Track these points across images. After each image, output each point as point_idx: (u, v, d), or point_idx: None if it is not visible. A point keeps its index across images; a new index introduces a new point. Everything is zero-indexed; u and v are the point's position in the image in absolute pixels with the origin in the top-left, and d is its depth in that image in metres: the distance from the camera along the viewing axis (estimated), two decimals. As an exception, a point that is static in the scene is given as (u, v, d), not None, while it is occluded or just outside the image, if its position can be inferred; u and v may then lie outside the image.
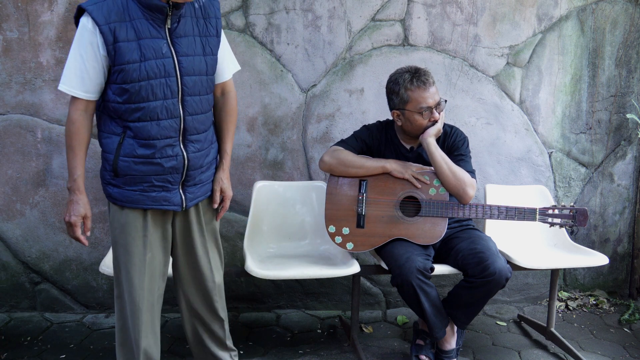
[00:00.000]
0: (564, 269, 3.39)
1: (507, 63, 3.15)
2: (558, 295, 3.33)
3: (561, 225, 2.44)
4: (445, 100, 2.49)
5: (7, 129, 2.87)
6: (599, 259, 2.60)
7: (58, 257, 2.99)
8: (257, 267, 2.39)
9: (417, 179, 2.45)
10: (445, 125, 2.55)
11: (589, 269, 3.41)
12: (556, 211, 2.44)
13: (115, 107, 1.83)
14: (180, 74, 1.85)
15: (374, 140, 2.58)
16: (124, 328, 2.05)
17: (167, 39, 1.83)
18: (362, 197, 2.48)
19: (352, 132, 2.65)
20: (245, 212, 2.89)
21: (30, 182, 2.91)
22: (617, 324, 3.13)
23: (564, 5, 3.15)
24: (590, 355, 2.73)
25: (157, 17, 1.80)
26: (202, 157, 1.98)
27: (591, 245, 3.32)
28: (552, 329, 2.83)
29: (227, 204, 2.07)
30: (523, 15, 3.11)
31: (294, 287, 3.16)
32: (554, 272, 2.82)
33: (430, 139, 2.43)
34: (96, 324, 2.95)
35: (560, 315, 3.21)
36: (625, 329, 3.06)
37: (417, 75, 2.42)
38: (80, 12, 1.79)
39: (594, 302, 3.34)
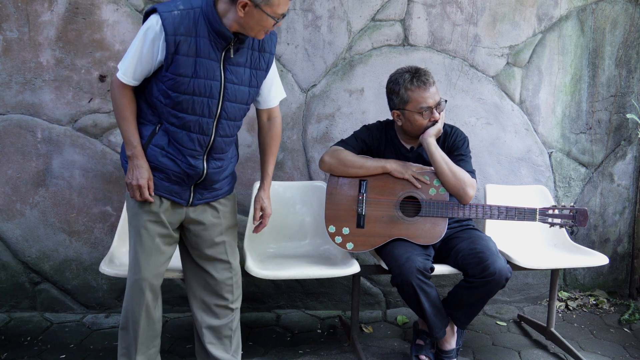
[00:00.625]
0: (564, 269, 3.40)
1: (507, 63, 3.15)
2: (558, 295, 3.33)
3: (561, 226, 2.44)
4: (446, 100, 2.49)
5: (7, 129, 2.87)
6: (599, 259, 2.60)
7: (58, 257, 2.99)
8: (257, 267, 2.39)
9: (417, 179, 2.45)
10: (445, 125, 2.55)
11: (589, 269, 3.41)
12: (556, 211, 2.44)
13: (157, 104, 1.98)
14: (222, 98, 1.97)
15: (373, 140, 2.58)
16: (126, 309, 2.12)
17: (220, 64, 1.94)
18: (362, 197, 2.48)
19: (352, 132, 2.65)
20: (245, 212, 2.90)
21: (30, 182, 2.91)
22: (617, 324, 3.13)
23: (564, 5, 3.15)
24: (590, 355, 2.73)
25: (220, 43, 1.92)
26: (220, 173, 2.11)
27: (591, 245, 3.32)
28: (552, 329, 2.83)
29: (267, 221, 2.17)
30: (523, 15, 3.11)
31: (294, 287, 3.16)
32: (554, 272, 2.82)
33: (430, 139, 2.43)
34: (96, 324, 2.95)
35: (560, 315, 3.21)
36: (625, 329, 3.06)
37: (417, 75, 2.42)
38: (153, 11, 1.89)
39: (594, 302, 3.34)
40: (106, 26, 2.84)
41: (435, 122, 2.44)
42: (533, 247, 2.86)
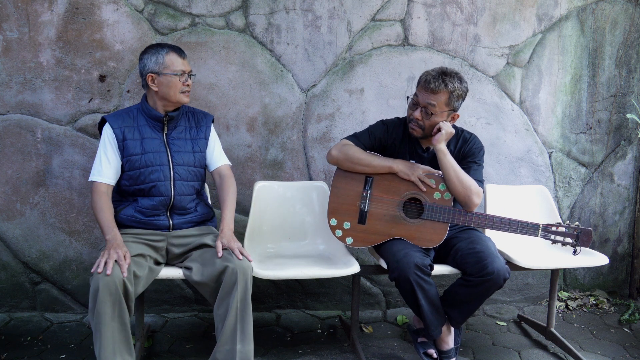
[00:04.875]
0: (564, 269, 3.40)
1: (507, 63, 3.15)
2: (558, 295, 3.33)
3: (563, 244, 2.40)
4: (453, 110, 2.43)
5: (7, 129, 2.87)
6: (599, 259, 2.60)
7: (58, 257, 2.99)
8: (257, 267, 2.39)
9: (422, 182, 2.44)
10: (465, 131, 2.55)
11: (589, 269, 3.41)
12: (560, 229, 2.38)
13: (124, 189, 2.41)
14: (172, 164, 2.39)
15: (389, 136, 2.56)
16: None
17: (163, 140, 2.41)
18: (367, 194, 2.48)
19: (352, 132, 2.64)
20: (245, 212, 2.90)
21: (30, 182, 2.91)
22: (617, 324, 3.13)
23: (564, 5, 3.15)
24: (590, 355, 2.73)
25: (157, 125, 2.40)
26: (185, 221, 2.45)
27: (591, 245, 3.32)
28: (552, 329, 2.83)
29: (236, 252, 2.27)
30: (523, 15, 3.12)
31: (294, 287, 3.16)
32: (554, 272, 2.82)
33: (440, 145, 2.41)
34: (96, 324, 2.95)
35: (560, 315, 3.21)
36: (625, 329, 3.06)
37: (429, 76, 2.41)
38: (103, 121, 2.39)
39: (594, 302, 3.35)
40: (106, 26, 2.84)
41: (416, 122, 2.43)
42: (533, 247, 2.86)
